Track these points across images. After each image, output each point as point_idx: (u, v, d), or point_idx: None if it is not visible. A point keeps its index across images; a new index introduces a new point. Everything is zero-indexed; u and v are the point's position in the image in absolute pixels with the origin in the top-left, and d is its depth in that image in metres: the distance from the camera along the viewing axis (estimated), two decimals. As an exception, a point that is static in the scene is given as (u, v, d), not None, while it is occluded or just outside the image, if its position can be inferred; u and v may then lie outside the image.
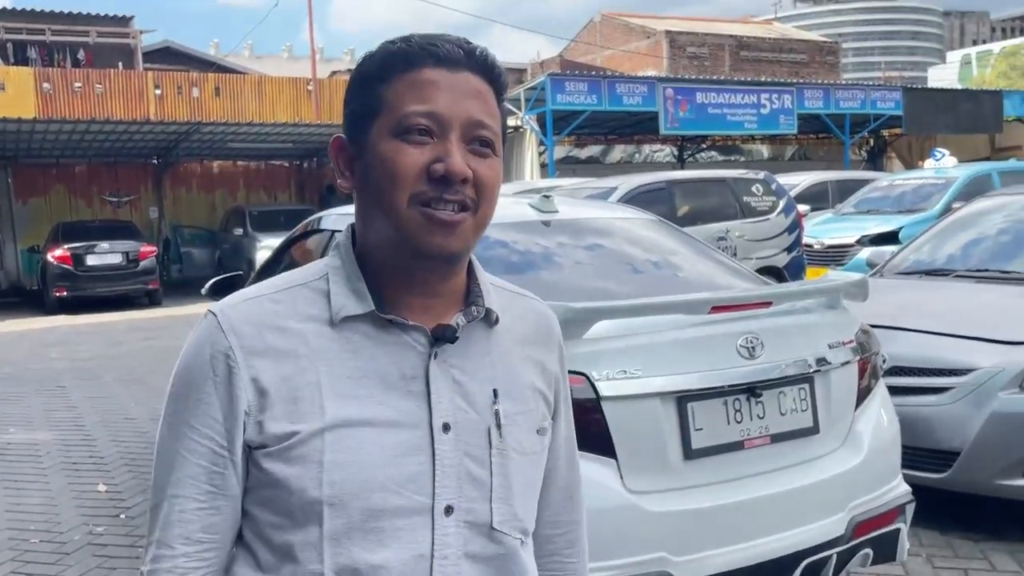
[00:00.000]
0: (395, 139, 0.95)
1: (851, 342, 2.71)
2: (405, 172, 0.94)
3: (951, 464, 3.63)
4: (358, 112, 0.99)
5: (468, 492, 0.97)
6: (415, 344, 0.98)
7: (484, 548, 0.98)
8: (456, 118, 0.95)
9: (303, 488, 0.92)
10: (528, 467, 1.04)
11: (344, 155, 1.02)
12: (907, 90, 21.26)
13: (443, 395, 0.97)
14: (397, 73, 0.96)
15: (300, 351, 0.95)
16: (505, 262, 3.09)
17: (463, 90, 0.96)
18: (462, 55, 0.97)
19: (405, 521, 0.94)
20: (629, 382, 2.34)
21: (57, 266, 14.14)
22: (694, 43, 34.92)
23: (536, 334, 1.10)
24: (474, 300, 1.02)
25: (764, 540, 2.41)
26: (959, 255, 4.97)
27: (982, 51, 68.43)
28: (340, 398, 0.94)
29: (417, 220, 0.94)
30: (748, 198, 9.27)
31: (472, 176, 0.95)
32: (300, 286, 1.00)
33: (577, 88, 16.91)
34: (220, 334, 0.95)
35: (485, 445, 0.99)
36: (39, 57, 21.98)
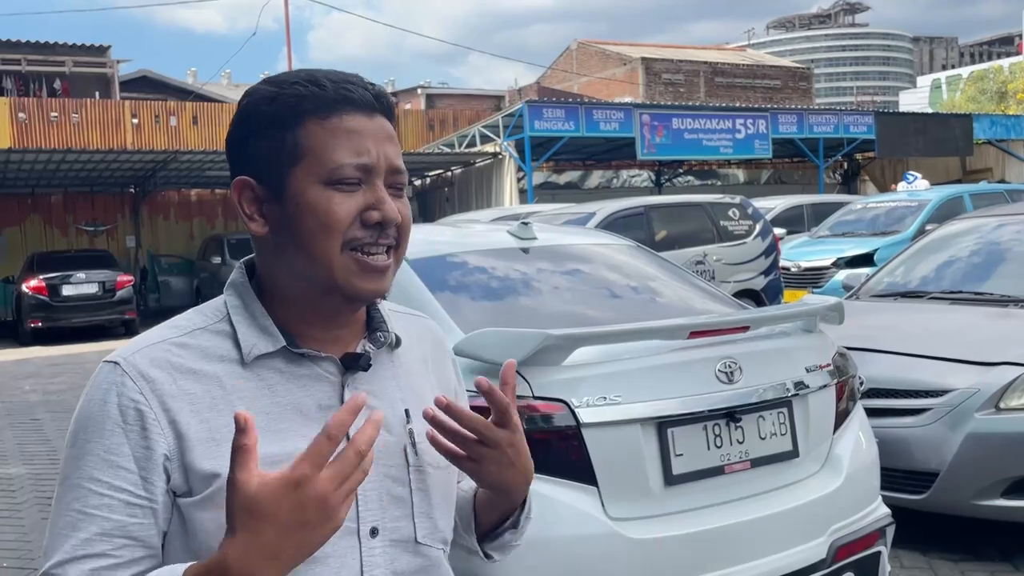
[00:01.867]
0: (326, 187, 0.96)
1: (828, 365, 2.73)
2: (340, 220, 0.96)
3: (929, 485, 3.65)
4: (269, 157, 0.98)
5: (391, 512, 1.00)
6: (327, 375, 1.00)
7: (410, 563, 1.02)
8: (381, 165, 0.99)
9: None
10: (443, 480, 1.08)
11: (251, 196, 1.00)
12: (879, 114, 21.62)
13: (358, 422, 0.97)
14: (313, 118, 0.97)
15: (215, 393, 0.95)
16: (484, 288, 3.10)
17: (381, 136, 0.99)
18: (372, 99, 1.00)
19: (333, 547, 0.93)
20: (609, 408, 2.34)
21: (32, 297, 13.97)
22: (669, 70, 35.37)
23: (432, 352, 1.16)
24: (377, 326, 1.06)
25: (746, 566, 2.41)
26: (933, 277, 5.03)
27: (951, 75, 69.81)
28: (263, 437, 0.91)
29: (350, 267, 0.97)
30: (725, 222, 9.37)
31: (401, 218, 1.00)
32: (201, 329, 0.99)
33: (555, 115, 17.04)
34: (128, 381, 0.93)
35: (403, 464, 1.02)
36: (14, 87, 21.86)
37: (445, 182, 20.07)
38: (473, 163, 18.54)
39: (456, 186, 19.50)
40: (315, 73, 0.99)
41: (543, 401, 2.32)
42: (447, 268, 3.12)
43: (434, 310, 2.79)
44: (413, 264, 3.05)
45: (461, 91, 36.53)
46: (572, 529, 2.28)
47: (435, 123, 23.50)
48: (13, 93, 21.24)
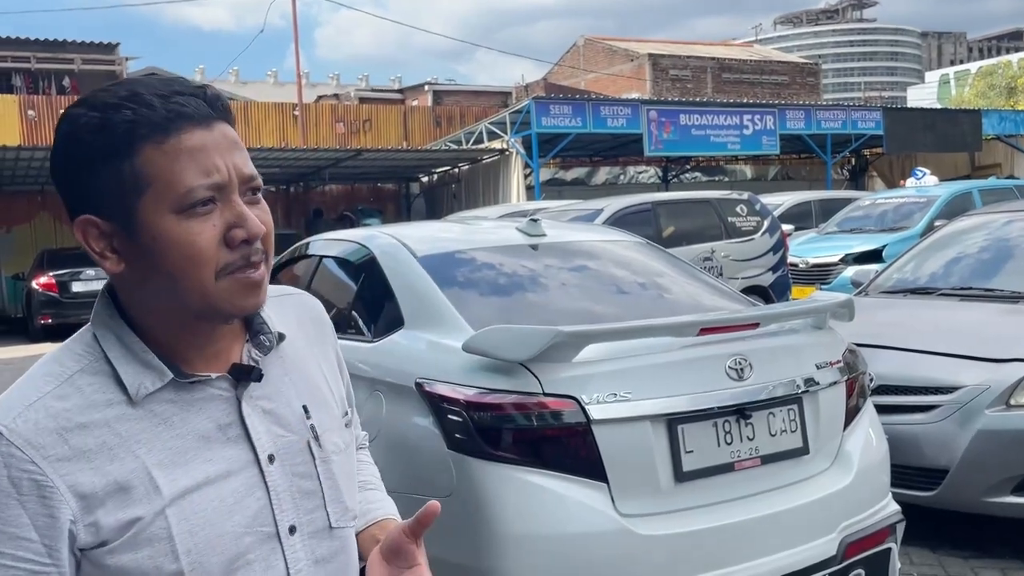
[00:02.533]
0: (179, 216, 0.90)
1: (838, 362, 2.73)
2: (204, 250, 0.91)
3: (939, 482, 3.64)
4: (109, 190, 0.91)
5: (304, 506, 1.01)
6: (220, 392, 0.98)
7: (328, 548, 1.04)
8: (232, 178, 0.93)
9: (159, 567, 0.91)
10: (346, 461, 1.09)
11: (96, 233, 0.93)
12: (887, 110, 21.54)
13: (261, 430, 0.99)
14: (148, 143, 0.90)
15: (111, 442, 0.91)
16: (493, 285, 3.11)
17: (225, 146, 0.93)
18: (207, 107, 0.93)
19: (258, 552, 0.97)
20: (619, 405, 2.34)
21: (42, 293, 14.03)
22: (676, 66, 35.29)
23: (313, 328, 1.14)
24: (259, 329, 1.03)
25: (756, 562, 2.42)
26: (943, 273, 5.02)
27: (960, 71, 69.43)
28: (170, 471, 0.92)
29: (229, 289, 0.93)
30: (733, 218, 9.35)
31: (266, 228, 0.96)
32: (79, 372, 0.93)
33: (562, 111, 17.03)
34: (16, 451, 0.88)
35: (309, 459, 1.03)
36: (24, 84, 21.95)
37: (452, 179, 20.08)
38: (480, 160, 18.54)
39: (463, 183, 19.50)
40: (138, 89, 0.92)
41: (553, 398, 2.32)
42: (456, 265, 3.13)
43: (443, 307, 2.80)
44: (422, 261, 3.06)
45: (468, 88, 36.52)
46: (582, 526, 2.29)
47: (442, 120, 23.50)
48: (23, 91, 21.33)
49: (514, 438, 2.33)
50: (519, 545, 2.27)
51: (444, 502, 2.35)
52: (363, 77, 49.70)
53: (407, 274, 3.04)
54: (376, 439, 2.69)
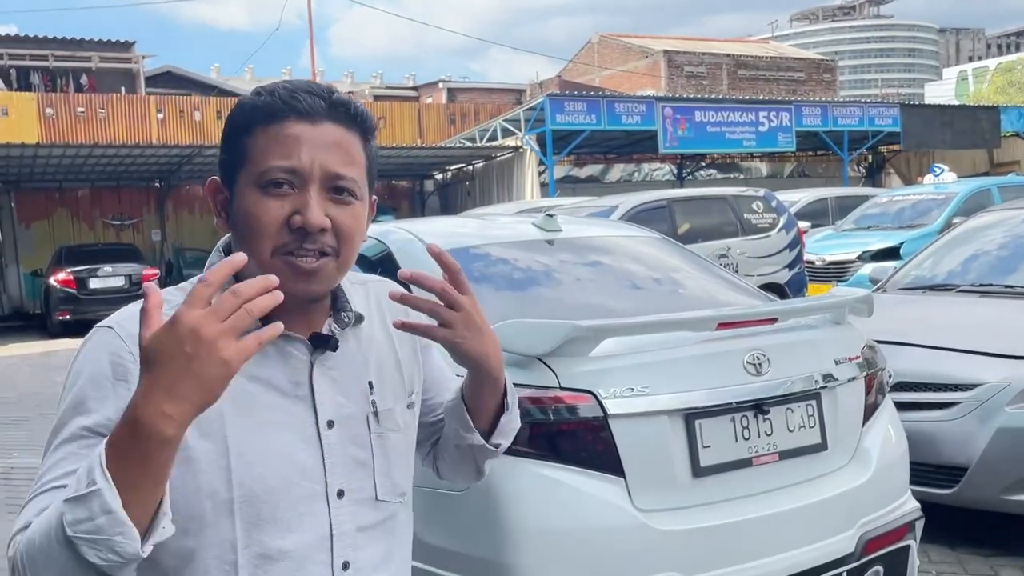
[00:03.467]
0: (257, 190, 1.03)
1: (857, 358, 2.71)
2: (267, 225, 1.02)
3: (958, 480, 3.61)
4: (227, 161, 1.07)
5: (355, 474, 1.10)
6: (297, 353, 1.09)
7: (372, 518, 1.12)
8: (314, 171, 1.02)
9: (215, 491, 1.01)
10: (403, 440, 1.18)
11: (219, 197, 1.09)
12: (905, 107, 21.38)
13: (325, 396, 1.09)
14: (259, 126, 1.03)
15: None
16: (510, 280, 3.10)
17: (323, 143, 1.03)
18: (323, 107, 1.04)
19: (307, 507, 1.06)
20: (637, 399, 2.33)
21: (60, 289, 14.16)
22: (692, 62, 35.15)
23: (392, 312, 1.20)
24: (342, 306, 1.14)
25: (774, 558, 2.40)
26: (961, 270, 4.97)
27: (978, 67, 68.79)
28: (237, 406, 1.02)
29: (281, 268, 1.01)
30: (749, 215, 9.31)
31: (331, 225, 1.03)
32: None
33: (576, 108, 17.01)
34: (120, 343, 1.01)
35: (366, 432, 1.12)
36: (42, 82, 22.13)
37: (466, 176, 20.08)
38: (494, 157, 18.53)
39: (477, 180, 19.51)
40: (281, 85, 1.06)
41: (570, 392, 2.32)
42: (473, 260, 3.13)
43: (460, 302, 2.81)
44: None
45: (482, 85, 36.52)
46: (600, 520, 2.29)
47: (456, 117, 23.50)
48: (41, 89, 21.51)
49: (531, 432, 2.32)
50: (536, 539, 2.27)
51: (461, 497, 2.37)
52: (377, 75, 49.81)
53: (424, 269, 3.04)
54: (392, 433, 2.70)
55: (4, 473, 5.84)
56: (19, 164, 16.00)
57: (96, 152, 15.71)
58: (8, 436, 6.98)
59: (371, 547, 1.13)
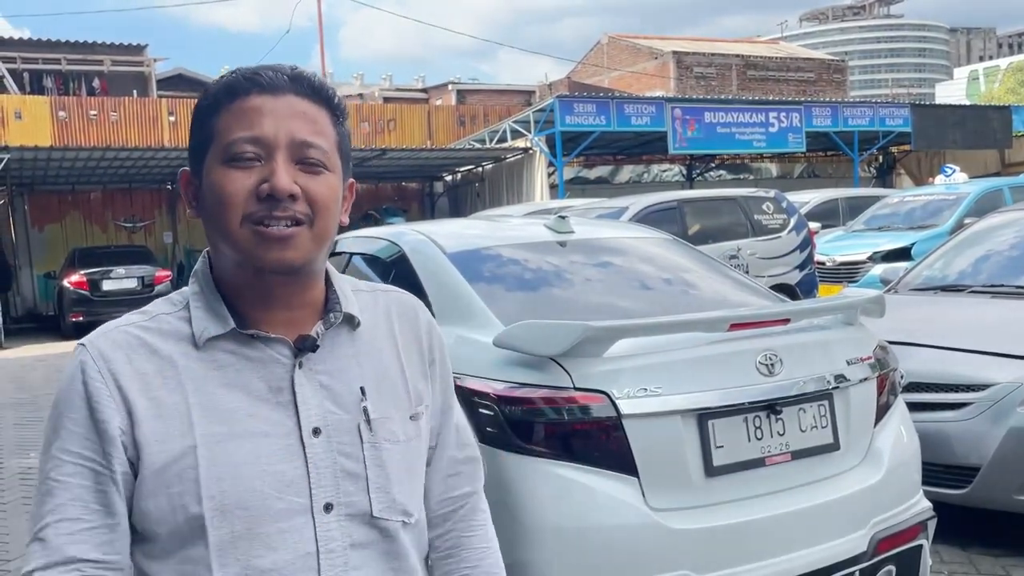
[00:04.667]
0: (224, 166, 1.00)
1: (869, 358, 2.72)
2: (234, 195, 0.99)
3: (971, 480, 3.61)
4: (195, 146, 1.04)
5: (345, 487, 1.03)
6: (279, 356, 1.03)
7: (367, 536, 1.04)
8: (280, 139, 1.00)
9: (185, 506, 0.97)
10: (404, 453, 1.09)
11: (191, 187, 1.07)
12: (916, 107, 21.30)
13: (311, 402, 1.03)
14: (224, 104, 1.01)
15: (167, 373, 1.00)
16: (522, 281, 3.13)
17: (287, 113, 1.01)
18: (286, 80, 1.02)
19: (288, 523, 0.99)
20: (650, 400, 2.36)
21: (73, 291, 14.26)
22: (701, 63, 35.09)
23: (402, 325, 1.16)
24: (331, 307, 1.08)
25: (787, 557, 2.42)
26: (973, 270, 4.97)
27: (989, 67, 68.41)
28: (208, 415, 0.99)
29: (250, 238, 0.99)
30: (759, 216, 9.30)
31: (301, 192, 1.00)
32: (167, 315, 1.05)
33: (586, 109, 17.02)
34: (90, 361, 1.00)
35: (357, 441, 1.04)
36: (55, 86, 22.28)
37: (476, 178, 20.12)
38: (504, 158, 18.56)
39: (487, 182, 19.54)
40: (246, 68, 1.04)
41: (584, 392, 2.34)
42: (485, 261, 3.16)
43: (473, 303, 2.83)
44: (452, 257, 3.09)
45: (491, 86, 36.56)
46: (613, 518, 2.31)
47: (466, 119, 23.55)
48: (53, 92, 21.66)
49: (545, 432, 2.35)
50: (551, 537, 2.29)
51: (475, 495, 2.38)
52: (387, 76, 49.89)
53: (437, 270, 3.07)
54: (407, 433, 2.73)
55: (21, 473, 5.90)
56: (32, 167, 16.12)
57: (108, 155, 15.82)
58: (24, 436, 7.05)
59: (369, 569, 1.04)
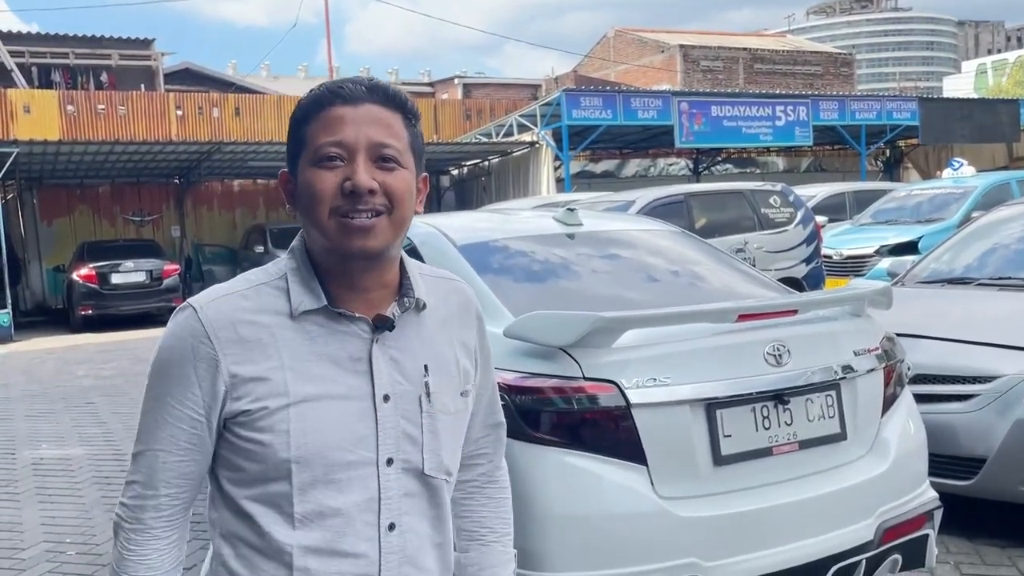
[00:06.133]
0: (314, 167, 1.16)
1: (876, 349, 2.74)
2: (323, 191, 1.15)
3: (977, 471, 3.63)
4: (291, 152, 1.21)
5: (404, 447, 1.20)
6: (360, 332, 1.20)
7: (417, 488, 1.22)
8: (360, 142, 1.16)
9: (275, 452, 1.15)
10: (453, 423, 1.27)
11: (289, 186, 1.23)
12: (923, 100, 21.21)
13: (383, 372, 1.20)
14: (313, 115, 1.18)
15: (266, 340, 1.16)
16: (532, 273, 3.16)
17: (365, 120, 1.17)
18: (364, 91, 1.18)
19: (357, 472, 1.17)
20: (659, 390, 2.38)
21: (83, 285, 14.34)
22: (708, 57, 35.00)
23: (457, 312, 1.32)
24: (406, 292, 1.24)
25: (793, 545, 2.44)
26: (980, 263, 4.98)
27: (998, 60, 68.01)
28: (301, 378, 1.16)
29: (336, 228, 1.15)
30: (766, 210, 9.30)
31: (379, 187, 1.16)
32: (264, 284, 1.20)
33: (592, 103, 17.00)
34: (200, 326, 1.16)
35: (417, 410, 1.22)
36: (63, 80, 22.37)
37: (482, 172, 20.13)
38: (510, 152, 18.57)
39: (493, 176, 19.55)
40: (332, 81, 1.21)
41: (594, 382, 2.37)
42: (495, 253, 3.18)
43: (483, 294, 2.86)
44: (462, 249, 3.12)
45: (498, 80, 36.54)
46: (622, 507, 2.34)
47: (472, 113, 23.54)
48: (62, 86, 21.74)
49: (555, 421, 2.38)
50: (560, 525, 2.32)
51: (486, 483, 2.41)
52: (392, 71, 49.91)
53: (447, 262, 3.10)
54: (418, 423, 2.76)
55: (33, 464, 5.96)
56: (41, 161, 16.19)
57: (117, 149, 15.88)
58: (36, 428, 7.12)
59: (416, 514, 1.23)
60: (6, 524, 4.70)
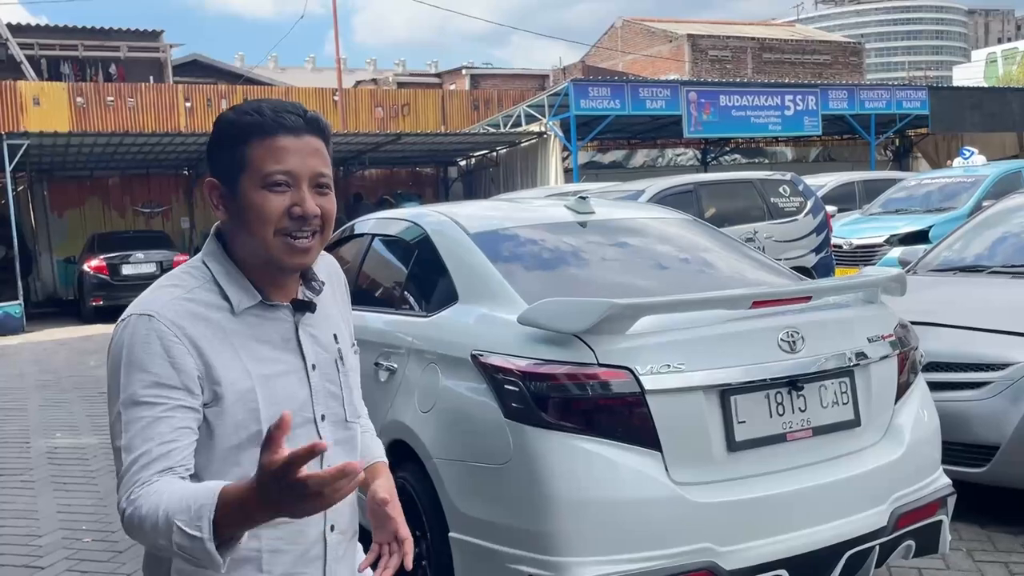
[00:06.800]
0: (261, 189, 1.33)
1: (890, 336, 2.74)
2: (271, 214, 1.33)
3: (989, 459, 3.63)
4: (227, 166, 1.35)
5: (331, 404, 1.44)
6: (284, 317, 1.41)
7: (343, 435, 1.47)
8: (304, 173, 1.34)
9: (247, 426, 1.33)
10: (355, 376, 1.54)
11: (217, 193, 1.38)
12: (933, 89, 21.09)
13: (308, 347, 1.42)
14: (255, 139, 1.33)
15: (219, 334, 1.33)
16: (544, 261, 3.16)
17: (306, 150, 1.35)
18: (303, 123, 1.35)
19: (303, 430, 1.37)
20: (673, 376, 2.39)
21: (94, 276, 14.41)
22: (716, 46, 34.83)
23: (336, 283, 1.57)
24: (312, 277, 1.46)
25: (807, 531, 2.45)
26: (993, 251, 4.96)
27: (1008, 49, 67.44)
28: (255, 362, 1.35)
29: (281, 247, 1.34)
30: (776, 199, 9.27)
31: (320, 211, 1.35)
32: (198, 287, 1.35)
33: (600, 93, 16.97)
34: (164, 328, 1.28)
35: (335, 372, 1.46)
36: (72, 72, 22.41)
37: (490, 163, 20.12)
38: (518, 143, 18.54)
39: (501, 166, 19.53)
40: (262, 105, 1.35)
41: (608, 368, 2.38)
42: (507, 241, 3.19)
43: (497, 282, 2.87)
44: (475, 238, 3.12)
45: (505, 71, 36.45)
46: (636, 492, 2.35)
47: (480, 103, 23.51)
48: (71, 78, 21.78)
49: (570, 407, 2.39)
50: (575, 510, 2.34)
51: (502, 470, 2.44)
52: (400, 62, 49.88)
53: (460, 251, 3.11)
54: (432, 410, 2.77)
55: (48, 452, 6.01)
56: (52, 153, 16.25)
57: (126, 141, 15.92)
58: (50, 417, 7.17)
59: (343, 457, 1.42)
60: (22, 512, 4.75)
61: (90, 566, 3.94)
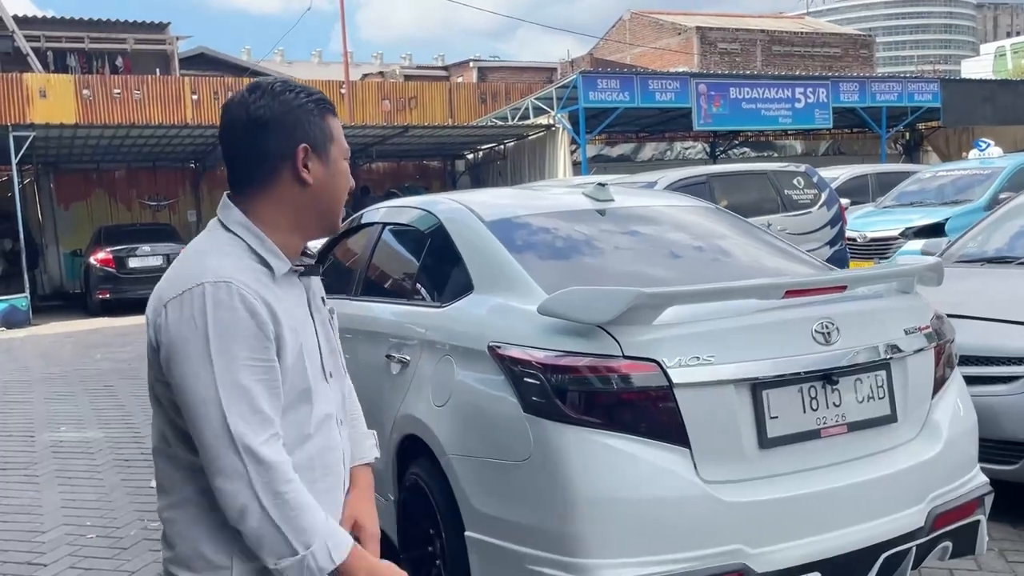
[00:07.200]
0: (344, 161, 1.52)
1: (927, 328, 2.63)
2: (349, 183, 1.53)
3: (1022, 456, 3.52)
4: (318, 135, 1.47)
5: (333, 360, 1.57)
6: (296, 281, 1.52)
7: (342, 389, 1.61)
8: None
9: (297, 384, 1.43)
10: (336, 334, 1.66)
11: (305, 156, 1.46)
12: (945, 82, 20.92)
13: (315, 308, 1.55)
14: (327, 115, 1.50)
15: (271, 298, 1.41)
16: (563, 250, 3.05)
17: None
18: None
19: (322, 386, 1.51)
20: (702, 369, 2.28)
21: (100, 269, 14.35)
22: (725, 39, 34.62)
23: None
24: (304, 249, 1.56)
25: (842, 532, 2.34)
26: (1019, 243, 4.83)
27: (1017, 43, 66.90)
28: (295, 322, 1.45)
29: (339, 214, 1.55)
30: (789, 191, 9.12)
31: None
32: (245, 255, 1.43)
33: (609, 85, 16.83)
34: (245, 291, 1.36)
35: (330, 330, 1.60)
36: (78, 64, 22.35)
37: (497, 156, 20.00)
38: (526, 136, 18.42)
39: (509, 159, 19.41)
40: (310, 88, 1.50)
41: (634, 360, 2.27)
42: (524, 230, 3.08)
43: (514, 271, 2.76)
44: (490, 226, 3.01)
45: (513, 64, 36.27)
46: (664, 490, 2.24)
47: (487, 96, 23.39)
48: (77, 71, 21.72)
49: (593, 401, 2.28)
50: (598, 509, 2.23)
51: (521, 467, 2.32)
52: (406, 56, 49.73)
53: (475, 239, 3.00)
54: (447, 404, 2.66)
55: (53, 446, 5.93)
56: (58, 145, 16.18)
57: (133, 133, 15.84)
58: (55, 410, 7.09)
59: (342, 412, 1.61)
60: (26, 507, 4.66)
61: (93, 563, 3.85)
